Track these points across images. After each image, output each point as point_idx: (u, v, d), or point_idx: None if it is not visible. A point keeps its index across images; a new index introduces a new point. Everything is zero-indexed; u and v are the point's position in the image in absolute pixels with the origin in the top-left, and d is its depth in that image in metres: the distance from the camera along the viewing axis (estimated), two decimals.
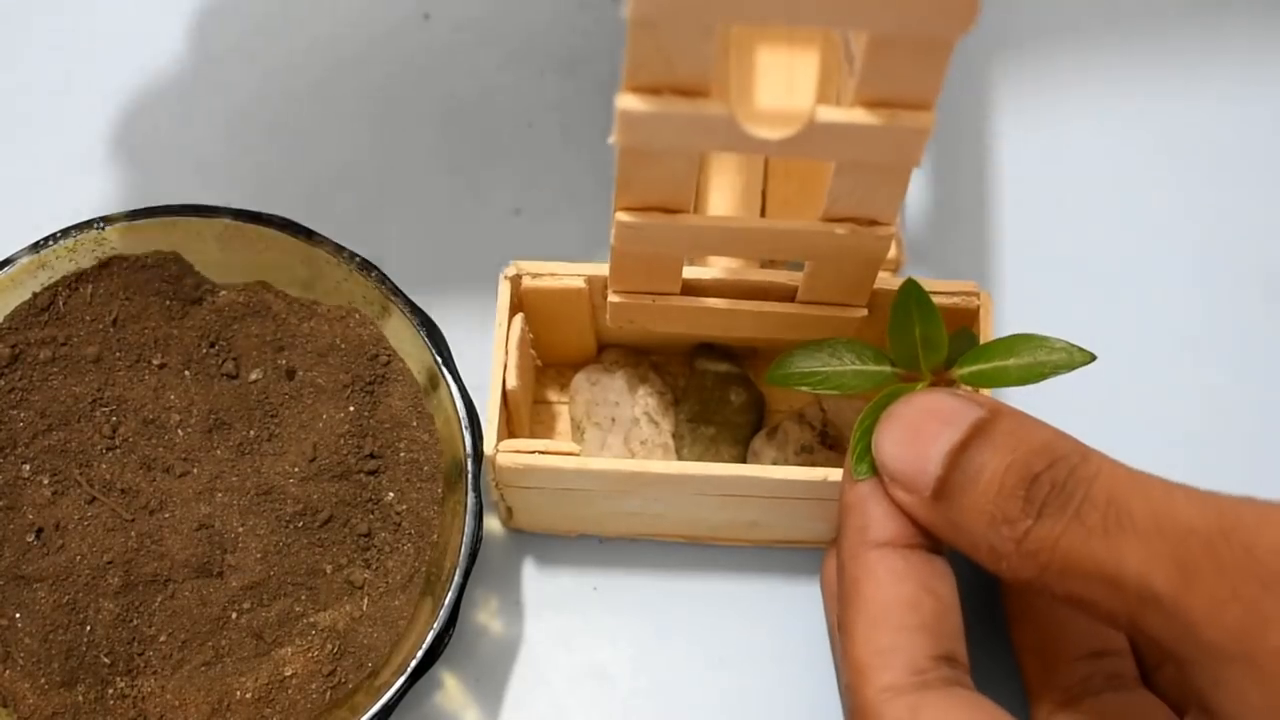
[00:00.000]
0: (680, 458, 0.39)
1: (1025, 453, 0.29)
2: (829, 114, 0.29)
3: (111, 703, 0.35)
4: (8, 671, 0.35)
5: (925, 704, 0.29)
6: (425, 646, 0.34)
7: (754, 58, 0.29)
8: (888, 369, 0.34)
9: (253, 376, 0.38)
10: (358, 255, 0.38)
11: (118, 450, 0.37)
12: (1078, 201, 0.45)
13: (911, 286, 0.33)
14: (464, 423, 0.36)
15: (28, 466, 0.36)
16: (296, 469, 0.37)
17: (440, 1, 0.46)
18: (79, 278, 0.38)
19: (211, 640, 0.35)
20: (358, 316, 0.38)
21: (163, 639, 0.35)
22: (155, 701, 0.35)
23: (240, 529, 0.36)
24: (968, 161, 0.46)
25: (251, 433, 0.37)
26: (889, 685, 0.30)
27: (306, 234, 0.38)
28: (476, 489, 0.35)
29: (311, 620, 0.36)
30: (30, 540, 0.36)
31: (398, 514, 0.37)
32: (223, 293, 0.38)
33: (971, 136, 0.46)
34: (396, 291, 0.37)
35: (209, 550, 0.36)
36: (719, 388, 0.40)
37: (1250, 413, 0.42)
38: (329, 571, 0.36)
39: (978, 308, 0.37)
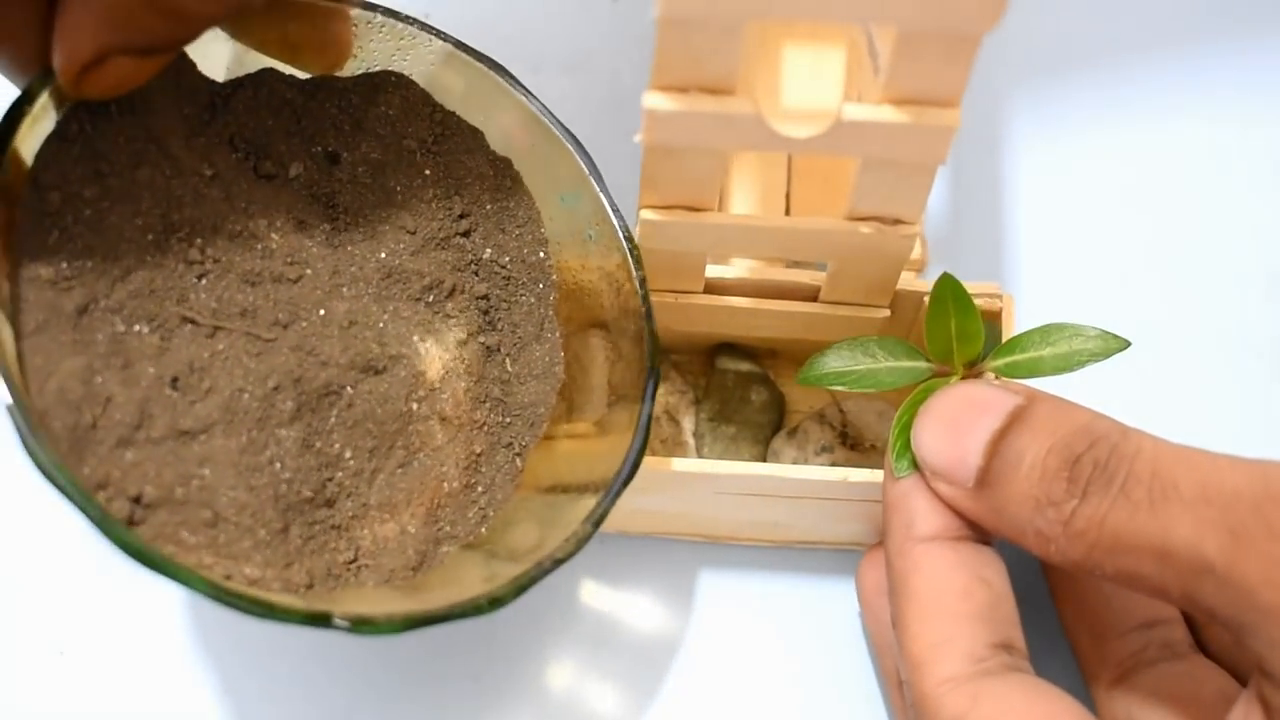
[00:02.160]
0: (700, 456, 0.39)
1: (1065, 435, 0.29)
2: (856, 111, 0.29)
3: (324, 538, 0.31)
4: (222, 535, 0.30)
5: (986, 691, 0.29)
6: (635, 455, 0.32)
7: (780, 56, 0.29)
8: (921, 364, 0.34)
9: (293, 172, 0.34)
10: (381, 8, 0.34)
11: (212, 275, 0.32)
12: (1096, 203, 0.45)
13: (948, 280, 0.33)
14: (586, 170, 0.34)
15: (119, 319, 0.30)
16: (403, 245, 0.34)
17: (440, 1, 0.47)
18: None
19: (401, 439, 0.33)
20: (394, 80, 0.35)
21: (349, 455, 0.32)
22: (366, 523, 0.32)
23: (385, 316, 0.33)
24: (987, 163, 0.46)
25: (341, 221, 0.34)
26: (949, 676, 0.30)
27: None
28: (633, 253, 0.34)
29: (475, 394, 0.34)
30: (170, 394, 0.30)
31: (504, 267, 0.35)
32: (237, 91, 0.34)
33: (991, 138, 0.46)
34: (447, 38, 0.35)
35: (366, 346, 0.33)
36: (740, 387, 0.40)
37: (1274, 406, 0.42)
38: (466, 339, 0.34)
39: (1000, 309, 0.37)
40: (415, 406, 0.33)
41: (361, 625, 0.28)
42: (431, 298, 0.34)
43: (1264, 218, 0.45)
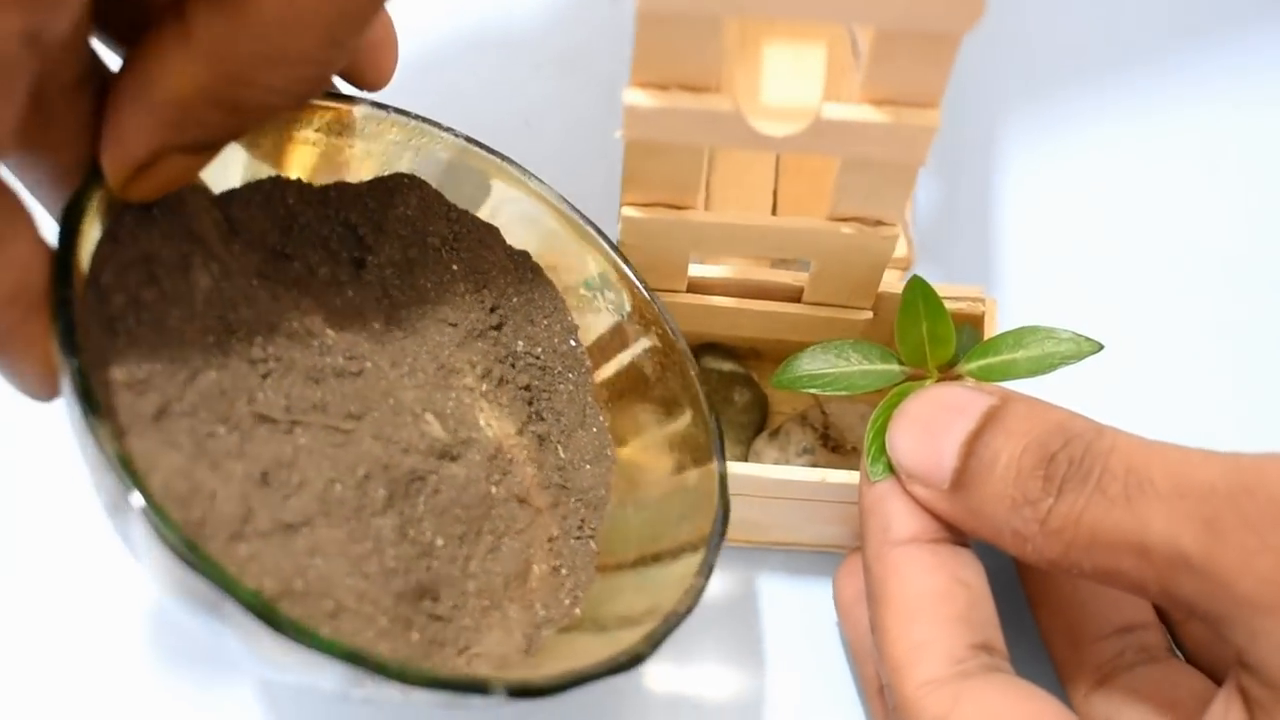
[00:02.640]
0: None
1: (1040, 434, 0.29)
2: (835, 110, 0.29)
3: (435, 628, 0.31)
4: (346, 625, 0.29)
5: (967, 692, 0.29)
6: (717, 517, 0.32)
7: (761, 53, 0.29)
8: (895, 367, 0.34)
9: (323, 275, 0.34)
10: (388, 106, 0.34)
11: (276, 373, 0.31)
12: (1086, 206, 0.45)
13: (918, 283, 0.33)
14: (625, 269, 0.34)
15: (195, 421, 0.29)
16: (447, 337, 0.34)
17: (441, 1, 0.47)
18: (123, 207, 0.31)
19: (487, 523, 0.33)
20: (408, 181, 0.35)
21: (440, 542, 0.32)
22: (468, 612, 0.31)
23: (450, 404, 0.33)
24: (975, 164, 0.46)
25: (384, 318, 0.34)
26: (929, 678, 0.30)
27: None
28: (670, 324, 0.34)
29: (540, 480, 0.34)
30: (264, 490, 0.30)
31: (538, 358, 0.35)
32: (252, 197, 0.33)
33: (981, 141, 0.47)
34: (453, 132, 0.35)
35: (439, 432, 0.33)
36: (723, 387, 0.40)
37: (1257, 408, 0.42)
38: (521, 430, 0.34)
39: (983, 313, 0.37)
40: (494, 489, 0.33)
41: (519, 690, 0.27)
42: (485, 386, 0.34)
43: (1249, 224, 0.45)
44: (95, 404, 0.26)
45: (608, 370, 0.35)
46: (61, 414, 0.28)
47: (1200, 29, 0.48)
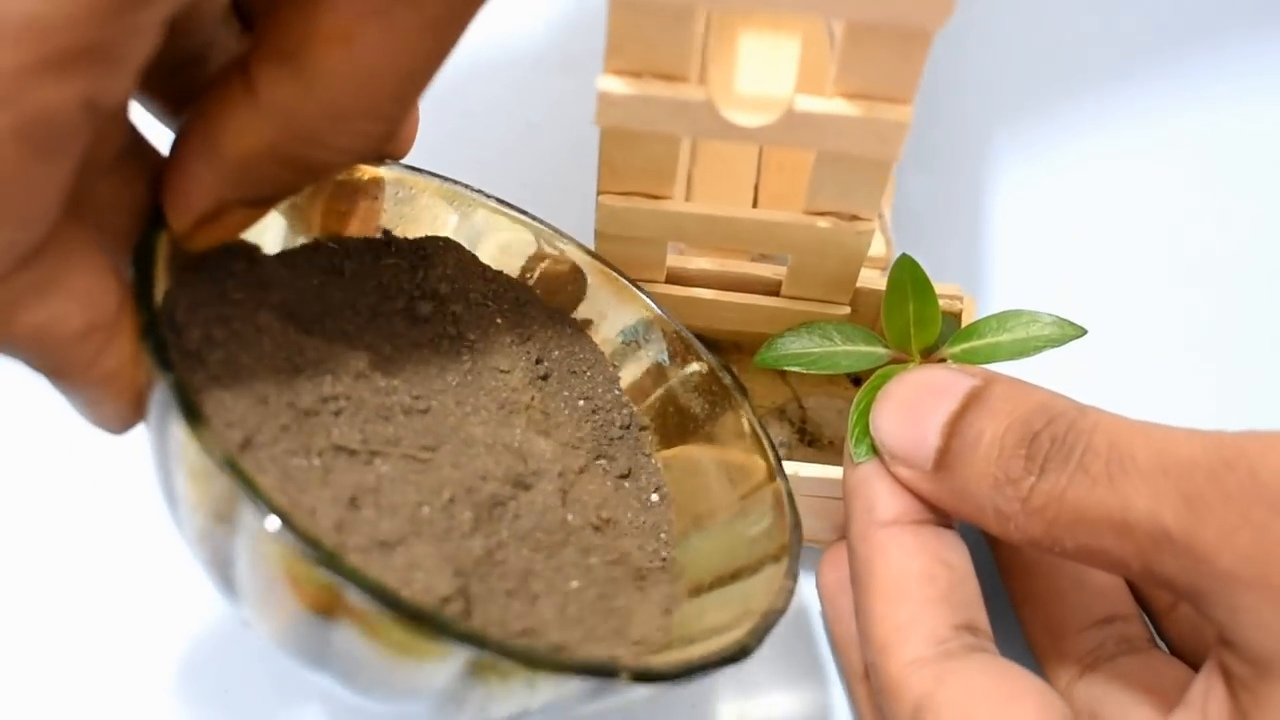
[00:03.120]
0: None
1: (1023, 413, 0.29)
2: (808, 103, 0.29)
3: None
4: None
5: (950, 672, 0.29)
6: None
7: (736, 44, 0.29)
8: (880, 350, 0.34)
9: (379, 322, 0.34)
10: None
11: (347, 411, 0.32)
12: (1069, 202, 0.46)
13: (906, 262, 0.33)
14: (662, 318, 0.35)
15: (277, 452, 0.30)
16: (502, 382, 0.35)
17: None
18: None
19: (567, 550, 0.32)
20: (443, 243, 0.35)
21: (524, 568, 0.31)
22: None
23: (517, 438, 0.34)
24: (961, 161, 0.46)
25: (441, 364, 0.34)
26: (913, 659, 0.30)
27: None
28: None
29: (606, 512, 0.34)
30: (355, 512, 0.30)
31: (585, 400, 0.36)
32: (296, 259, 0.34)
33: (965, 136, 0.47)
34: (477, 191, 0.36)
35: (512, 462, 0.33)
36: None
37: (1238, 401, 0.42)
38: (582, 469, 0.35)
39: (960, 310, 0.37)
40: (570, 518, 0.33)
41: (641, 676, 0.27)
42: (547, 422, 0.35)
43: (1232, 218, 0.46)
44: (198, 415, 0.26)
45: (653, 408, 0.36)
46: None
47: (1184, 28, 0.49)
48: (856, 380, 0.40)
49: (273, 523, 0.25)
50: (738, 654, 0.29)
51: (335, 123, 0.25)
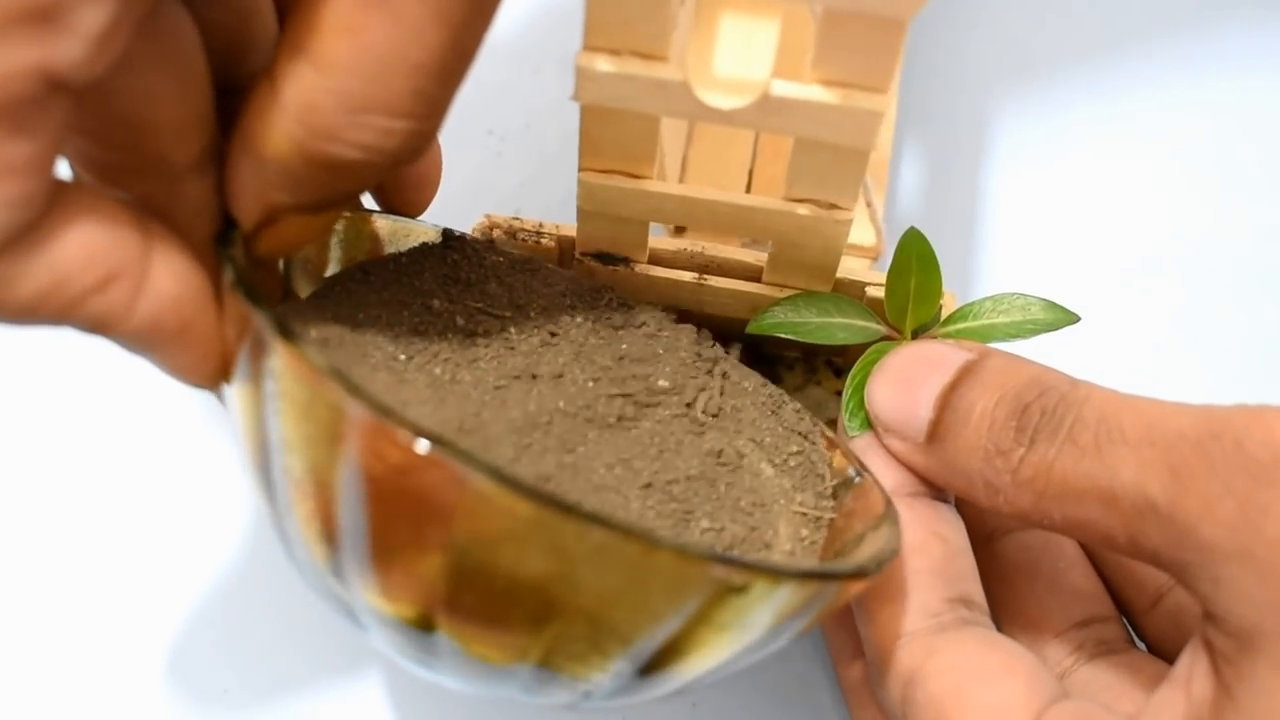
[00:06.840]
0: None
1: (1015, 386, 0.29)
2: (783, 88, 0.29)
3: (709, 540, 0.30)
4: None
5: (941, 645, 0.29)
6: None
7: (716, 27, 0.29)
8: (874, 325, 0.34)
9: (462, 320, 0.34)
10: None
11: (461, 371, 0.32)
12: (1066, 194, 0.46)
13: (914, 235, 0.33)
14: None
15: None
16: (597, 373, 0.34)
17: None
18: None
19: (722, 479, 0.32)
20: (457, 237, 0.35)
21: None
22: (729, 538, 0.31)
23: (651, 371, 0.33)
24: (958, 151, 0.46)
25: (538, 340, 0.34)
26: (905, 631, 0.30)
27: None
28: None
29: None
30: (488, 397, 0.31)
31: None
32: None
33: (962, 126, 0.47)
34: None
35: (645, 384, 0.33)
36: None
37: (1230, 392, 0.42)
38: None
39: (940, 307, 0.36)
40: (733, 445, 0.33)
41: (812, 575, 0.26)
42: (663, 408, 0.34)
43: (1229, 206, 0.46)
44: (292, 333, 0.25)
45: None
46: None
47: (1178, 17, 0.49)
48: (838, 371, 0.40)
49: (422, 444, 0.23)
50: (874, 569, 0.27)
51: (352, 116, 0.25)
